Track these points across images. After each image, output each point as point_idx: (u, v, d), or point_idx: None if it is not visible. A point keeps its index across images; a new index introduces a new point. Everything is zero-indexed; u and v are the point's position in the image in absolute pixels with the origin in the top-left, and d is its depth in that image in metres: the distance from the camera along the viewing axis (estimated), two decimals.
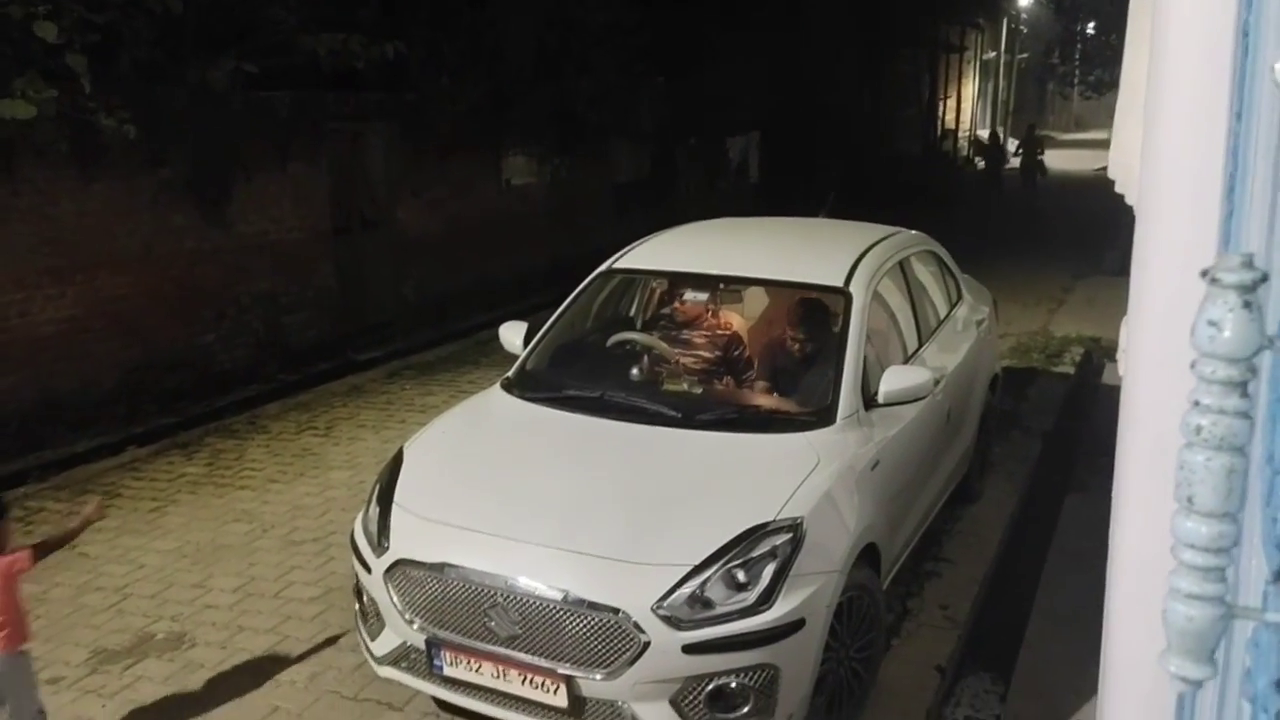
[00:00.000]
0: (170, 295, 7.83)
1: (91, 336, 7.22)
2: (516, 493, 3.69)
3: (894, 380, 4.07)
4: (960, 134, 30.25)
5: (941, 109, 28.57)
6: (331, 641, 4.36)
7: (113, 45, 6.79)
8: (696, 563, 3.26)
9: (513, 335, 4.87)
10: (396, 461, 4.03)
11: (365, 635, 3.78)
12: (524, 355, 4.71)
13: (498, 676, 3.39)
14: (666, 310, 5.13)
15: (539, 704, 3.33)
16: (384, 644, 3.65)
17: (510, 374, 4.62)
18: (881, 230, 5.35)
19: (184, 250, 7.93)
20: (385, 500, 3.80)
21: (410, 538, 3.60)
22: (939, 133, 28.13)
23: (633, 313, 5.26)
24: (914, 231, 5.64)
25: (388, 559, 3.58)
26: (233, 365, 8.38)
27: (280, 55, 7.99)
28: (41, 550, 3.43)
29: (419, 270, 10.53)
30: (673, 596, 3.19)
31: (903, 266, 5.10)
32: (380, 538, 3.67)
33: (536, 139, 11.92)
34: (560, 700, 3.27)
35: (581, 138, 12.47)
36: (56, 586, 4.84)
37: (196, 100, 7.63)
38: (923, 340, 4.96)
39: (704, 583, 3.23)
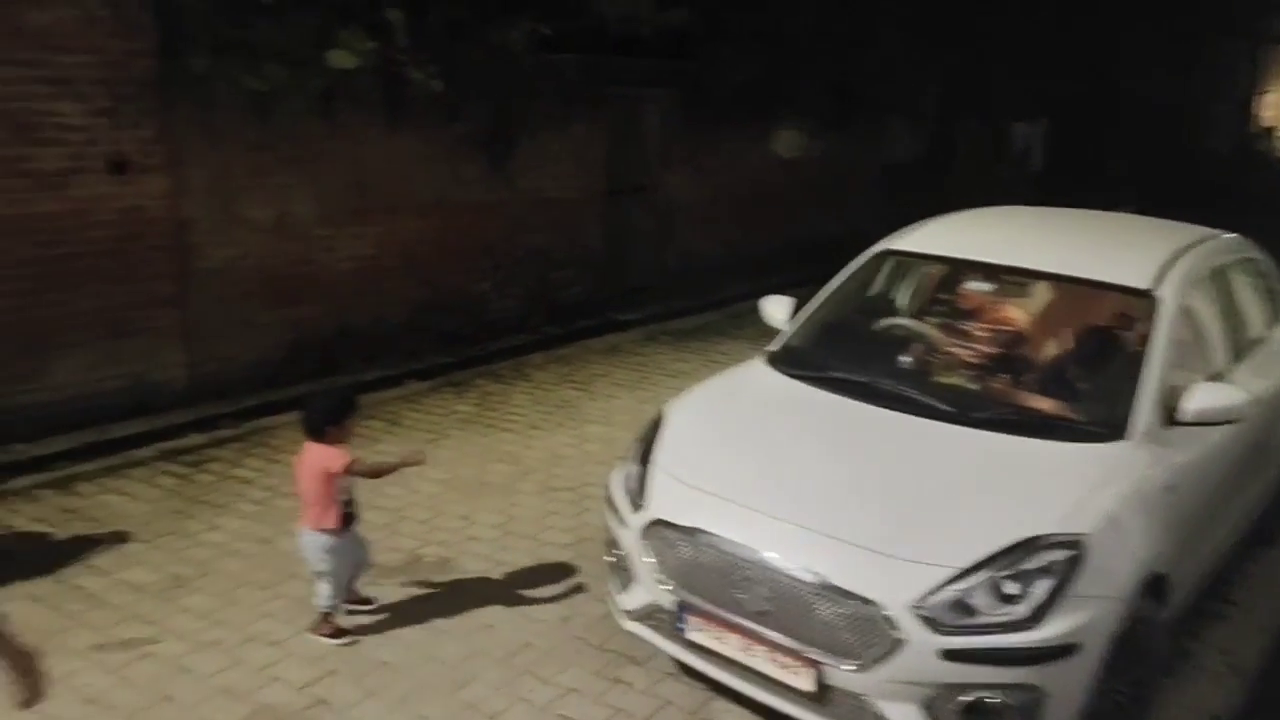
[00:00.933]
0: (455, 243, 8.34)
1: (386, 276, 7.82)
2: (776, 469, 3.65)
3: (1203, 398, 3.69)
4: None
5: (1260, 105, 25.61)
6: (581, 589, 4.51)
7: (425, 2, 7.25)
8: (963, 566, 3.10)
9: (776, 310, 4.83)
10: (658, 422, 4.09)
11: (614, 588, 3.88)
12: (790, 331, 4.64)
13: (743, 649, 3.38)
14: (943, 298, 4.89)
15: (783, 684, 3.30)
16: (632, 599, 3.73)
17: (775, 348, 4.57)
18: (1196, 231, 4.86)
19: (471, 201, 8.42)
20: (645, 460, 3.87)
21: (667, 499, 3.64)
22: (1255, 130, 25.24)
23: (906, 298, 5.05)
24: (1233, 235, 5.07)
25: (644, 517, 3.65)
26: (503, 314, 8.84)
27: (572, 19, 8.27)
28: (359, 467, 3.94)
29: (682, 237, 10.67)
30: (934, 597, 3.06)
31: (1219, 274, 4.61)
32: (638, 496, 3.75)
33: (810, 113, 11.71)
34: (805, 684, 3.22)
35: (857, 114, 12.15)
36: None
37: (493, 59, 8.04)
38: (1236, 358, 4.46)
39: (970, 588, 3.07)
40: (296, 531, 4.08)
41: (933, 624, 3.03)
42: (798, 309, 4.81)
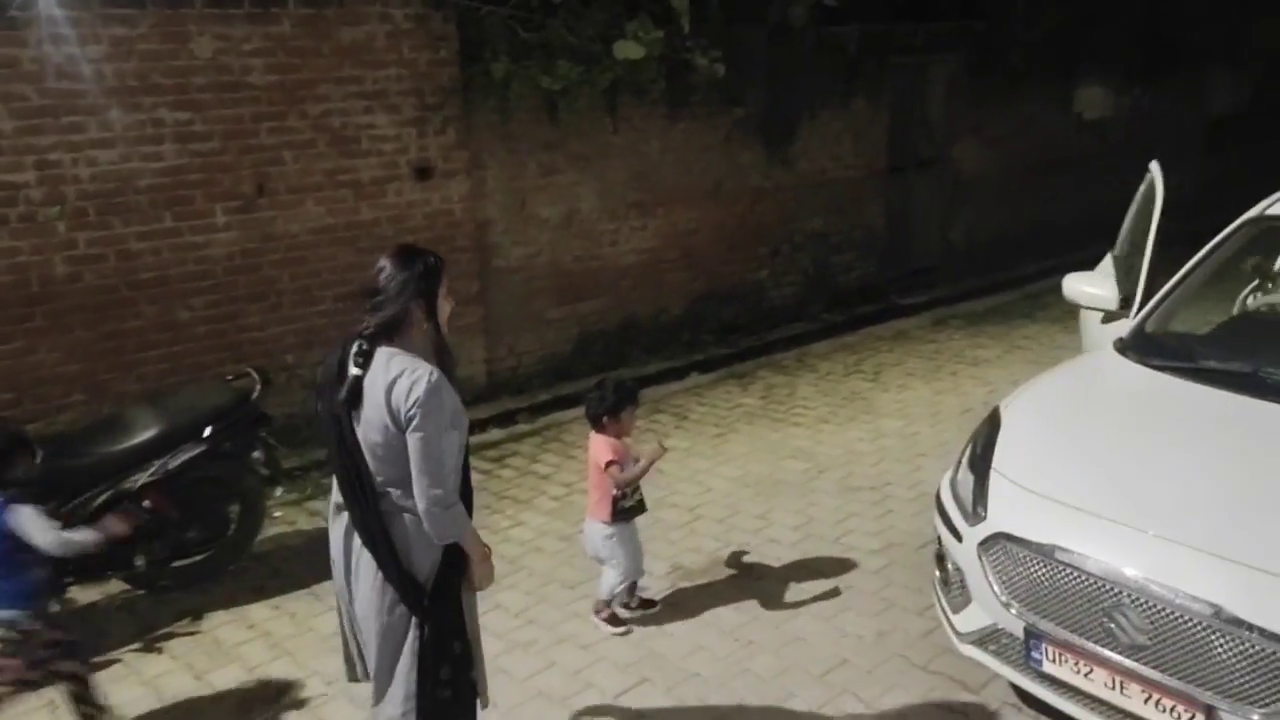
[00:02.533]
0: (732, 231, 8.13)
1: (665, 267, 7.74)
2: (1149, 477, 3.13)
3: None
4: None
5: None
6: (894, 601, 4.14)
7: None
8: None
9: (1086, 286, 4.34)
10: (993, 422, 3.64)
11: (946, 606, 3.49)
12: (1143, 314, 4.03)
13: (1111, 687, 2.91)
14: None
15: None
16: (969, 620, 3.33)
17: (1126, 335, 3.98)
18: None
19: (748, 187, 8.17)
20: (982, 465, 3.45)
21: (1013, 511, 3.21)
22: None
23: None
24: None
25: (983, 530, 3.24)
26: (781, 302, 8.56)
27: None
28: (615, 473, 3.85)
29: (969, 212, 9.93)
30: None
31: None
32: (975, 505, 3.34)
33: (1117, 67, 10.57)
34: None
35: (1171, 64, 10.83)
36: None
37: (774, 38, 7.75)
38: None
39: None
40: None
41: None
42: (1121, 285, 4.23)
